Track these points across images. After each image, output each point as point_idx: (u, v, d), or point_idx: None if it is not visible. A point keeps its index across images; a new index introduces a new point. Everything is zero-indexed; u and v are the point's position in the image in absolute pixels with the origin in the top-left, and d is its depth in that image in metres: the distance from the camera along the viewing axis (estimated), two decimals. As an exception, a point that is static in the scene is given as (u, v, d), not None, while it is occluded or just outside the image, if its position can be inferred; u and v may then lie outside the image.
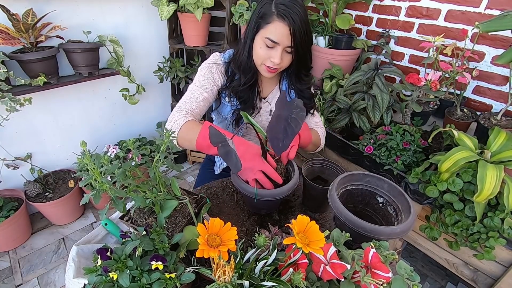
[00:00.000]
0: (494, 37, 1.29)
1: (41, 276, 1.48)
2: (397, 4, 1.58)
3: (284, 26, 0.79)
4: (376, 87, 1.27)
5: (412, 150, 1.17)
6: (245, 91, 0.95)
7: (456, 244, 1.06)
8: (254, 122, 0.76)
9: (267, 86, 1.03)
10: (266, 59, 0.85)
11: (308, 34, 0.84)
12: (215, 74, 0.95)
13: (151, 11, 1.76)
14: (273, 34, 0.81)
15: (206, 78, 0.94)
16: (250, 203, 0.84)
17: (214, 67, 0.95)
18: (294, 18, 0.78)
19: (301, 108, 0.66)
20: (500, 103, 1.36)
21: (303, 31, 0.81)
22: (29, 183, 1.60)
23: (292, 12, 0.78)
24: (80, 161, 0.49)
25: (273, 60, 0.84)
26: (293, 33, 0.80)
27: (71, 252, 0.67)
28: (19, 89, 1.32)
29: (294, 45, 0.82)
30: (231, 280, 0.43)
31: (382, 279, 0.46)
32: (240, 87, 0.93)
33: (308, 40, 0.85)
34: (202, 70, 0.95)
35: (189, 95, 0.92)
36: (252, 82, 0.94)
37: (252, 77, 0.93)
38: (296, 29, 0.79)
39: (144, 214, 0.66)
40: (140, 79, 1.88)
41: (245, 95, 0.95)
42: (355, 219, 0.60)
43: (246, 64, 0.91)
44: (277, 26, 0.80)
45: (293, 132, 0.63)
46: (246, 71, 0.92)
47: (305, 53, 0.88)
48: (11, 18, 1.21)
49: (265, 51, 0.84)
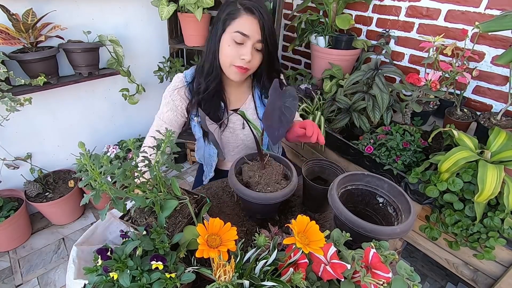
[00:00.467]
0: (494, 37, 1.29)
1: (41, 276, 1.48)
2: (397, 4, 1.58)
3: (253, 19, 0.78)
4: (376, 87, 1.27)
5: (412, 150, 1.17)
6: (209, 99, 0.89)
7: (456, 244, 1.06)
8: (248, 117, 0.75)
9: (238, 96, 0.98)
10: (235, 57, 0.81)
11: (275, 33, 0.83)
12: (177, 101, 0.91)
13: (151, 11, 1.76)
14: (242, 27, 0.78)
15: (169, 109, 0.92)
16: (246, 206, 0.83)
17: (175, 95, 0.91)
18: (262, 12, 0.78)
19: (293, 96, 0.66)
20: (500, 103, 1.36)
21: (271, 27, 0.80)
22: (29, 183, 1.60)
23: (258, 7, 0.78)
24: (79, 162, 0.49)
25: (243, 58, 0.80)
26: (262, 27, 0.78)
27: (72, 252, 0.67)
28: (19, 89, 1.32)
29: (264, 40, 0.80)
30: (231, 280, 0.43)
31: (382, 279, 0.46)
32: (203, 93, 0.88)
33: (275, 40, 0.84)
34: (165, 99, 0.93)
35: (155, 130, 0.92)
36: (216, 88, 0.89)
37: (214, 80, 0.87)
38: (265, 23, 0.78)
39: (144, 214, 0.66)
40: (140, 79, 1.88)
41: (210, 105, 0.89)
42: (355, 219, 0.60)
43: (209, 67, 0.87)
44: (246, 20, 0.78)
45: (288, 120, 0.63)
46: (208, 74, 0.87)
47: (274, 52, 0.86)
48: (11, 18, 1.21)
49: (234, 48, 0.81)
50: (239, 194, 0.72)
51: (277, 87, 0.68)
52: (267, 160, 0.80)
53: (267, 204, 0.71)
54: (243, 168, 0.80)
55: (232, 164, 0.79)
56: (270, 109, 0.67)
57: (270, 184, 0.74)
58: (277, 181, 0.76)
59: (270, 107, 0.67)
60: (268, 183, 0.75)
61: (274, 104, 0.66)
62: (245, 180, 0.77)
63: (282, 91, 0.68)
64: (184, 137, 2.00)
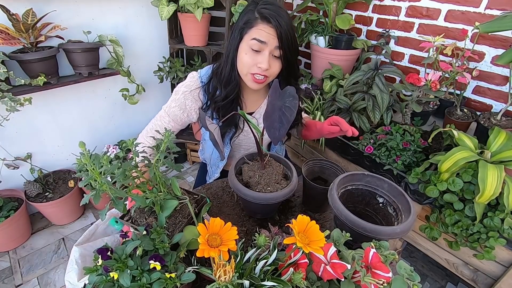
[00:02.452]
0: (494, 37, 1.29)
1: (41, 276, 1.48)
2: (397, 4, 1.58)
3: (270, 27, 0.77)
4: (376, 87, 1.27)
5: (412, 150, 1.17)
6: (226, 106, 0.89)
7: (456, 244, 1.06)
8: (249, 119, 0.75)
9: (254, 100, 0.98)
10: (252, 66, 0.80)
11: (294, 40, 0.81)
12: (188, 101, 0.91)
13: (151, 11, 1.76)
14: (259, 34, 0.77)
15: (177, 106, 0.90)
16: (246, 206, 0.84)
17: (187, 94, 0.90)
18: (279, 21, 0.76)
19: (293, 96, 0.66)
20: (500, 103, 1.36)
21: (290, 35, 0.78)
22: (29, 183, 1.60)
23: (276, 15, 0.76)
24: (79, 162, 0.49)
25: (260, 66, 0.79)
26: (279, 35, 0.77)
27: (72, 253, 0.67)
28: (19, 89, 1.32)
29: (281, 46, 0.79)
30: (232, 279, 0.43)
31: (382, 279, 0.46)
32: (221, 102, 0.88)
33: (295, 47, 0.82)
34: (176, 94, 0.92)
35: (157, 122, 0.92)
36: (234, 96, 0.88)
37: (233, 90, 0.88)
38: (283, 31, 0.77)
39: (145, 214, 0.66)
40: (140, 79, 1.88)
41: (226, 112, 0.88)
42: (355, 219, 0.60)
43: (228, 76, 0.86)
44: (263, 28, 0.77)
45: (288, 120, 0.63)
46: (228, 83, 0.87)
47: (293, 60, 0.85)
48: (11, 18, 1.21)
49: (251, 56, 0.80)
50: (239, 194, 0.72)
51: (277, 87, 0.67)
52: (267, 160, 0.80)
53: (267, 204, 0.71)
54: (243, 168, 0.80)
55: (232, 164, 0.79)
56: (270, 110, 0.66)
57: (270, 184, 0.74)
58: (277, 181, 0.76)
59: (270, 107, 0.67)
60: (268, 183, 0.75)
61: (274, 104, 0.66)
62: (245, 180, 0.77)
63: (282, 91, 0.67)
64: (184, 137, 2.00)
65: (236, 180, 0.73)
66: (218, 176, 1.08)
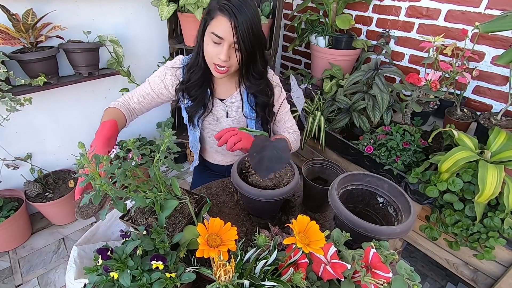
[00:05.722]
0: (494, 37, 1.29)
1: (41, 276, 1.48)
2: (397, 4, 1.58)
3: (226, 20, 0.77)
4: (376, 87, 1.27)
5: (412, 150, 1.17)
6: (195, 88, 0.94)
7: (456, 244, 1.06)
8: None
9: (225, 88, 1.00)
10: (214, 56, 0.83)
11: (255, 33, 0.81)
12: (168, 75, 0.96)
13: (151, 11, 1.76)
14: (216, 29, 0.79)
15: (157, 76, 0.97)
16: (248, 205, 0.84)
17: (169, 70, 0.97)
18: (235, 13, 0.76)
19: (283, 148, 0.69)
20: (500, 103, 1.36)
21: (248, 27, 0.78)
22: (29, 183, 1.60)
23: (234, 7, 0.76)
24: (79, 162, 0.49)
25: (219, 57, 0.82)
26: (234, 28, 0.77)
27: (72, 252, 0.67)
28: (19, 89, 1.32)
29: (238, 41, 0.79)
30: (232, 279, 0.43)
31: (382, 279, 0.46)
32: (188, 83, 0.93)
33: (256, 39, 0.82)
34: (160, 69, 0.98)
35: (137, 89, 0.99)
36: (198, 81, 0.93)
37: (196, 75, 0.92)
38: (239, 24, 0.77)
39: (145, 214, 0.66)
40: (140, 79, 1.88)
41: (195, 93, 0.94)
42: (355, 219, 0.60)
43: (193, 62, 0.92)
44: (220, 21, 0.78)
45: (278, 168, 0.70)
46: (190, 68, 0.93)
47: (253, 53, 0.85)
48: (11, 18, 1.21)
49: (212, 48, 0.82)
50: (240, 191, 0.72)
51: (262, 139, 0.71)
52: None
53: (268, 201, 0.72)
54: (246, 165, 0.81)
55: (235, 162, 0.80)
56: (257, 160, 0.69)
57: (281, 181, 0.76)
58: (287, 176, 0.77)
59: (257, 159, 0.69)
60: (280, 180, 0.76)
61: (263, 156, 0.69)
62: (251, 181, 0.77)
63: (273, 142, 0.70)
64: (184, 137, 2.00)
65: (238, 177, 0.74)
66: (198, 163, 1.16)
